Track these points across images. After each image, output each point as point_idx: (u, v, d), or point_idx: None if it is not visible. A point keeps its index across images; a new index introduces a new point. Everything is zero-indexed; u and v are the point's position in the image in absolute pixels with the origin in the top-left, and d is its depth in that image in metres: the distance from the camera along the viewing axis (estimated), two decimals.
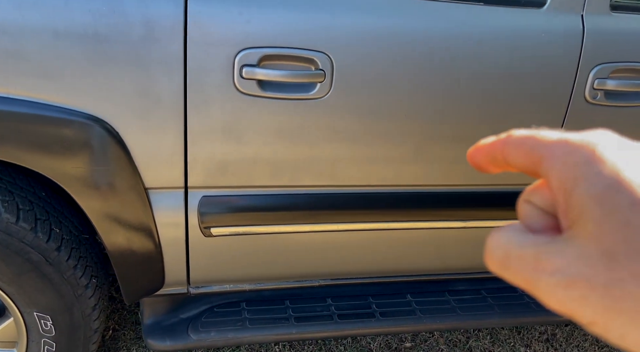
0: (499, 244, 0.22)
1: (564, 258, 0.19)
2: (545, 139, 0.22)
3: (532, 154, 0.22)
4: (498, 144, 0.23)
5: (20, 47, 0.92)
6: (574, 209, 0.20)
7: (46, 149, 1.00)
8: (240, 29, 1.04)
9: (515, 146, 0.22)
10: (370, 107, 1.18)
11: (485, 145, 0.24)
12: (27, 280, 1.12)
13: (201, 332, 1.37)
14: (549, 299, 0.20)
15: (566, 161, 0.20)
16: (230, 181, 1.19)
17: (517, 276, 0.21)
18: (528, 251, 0.20)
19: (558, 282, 0.19)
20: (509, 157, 0.23)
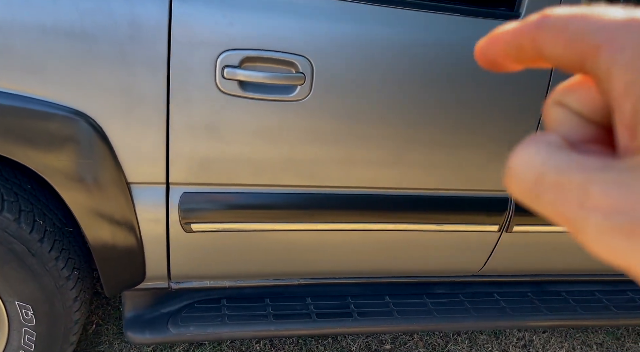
0: (528, 163, 0.16)
1: (628, 194, 0.14)
2: (603, 19, 0.16)
3: (582, 40, 0.16)
4: (527, 29, 0.17)
5: (9, 42, 0.96)
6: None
7: (31, 141, 1.04)
8: (223, 31, 1.08)
9: (555, 29, 0.17)
10: (349, 111, 1.22)
11: (507, 31, 0.18)
12: (10, 270, 1.15)
13: (180, 327, 1.40)
14: (600, 247, 0.15)
15: (639, 52, 0.15)
16: (212, 178, 1.23)
17: (552, 210, 0.16)
18: (572, 178, 0.15)
19: (617, 227, 0.14)
20: (543, 46, 0.17)
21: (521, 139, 0.84)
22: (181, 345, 1.78)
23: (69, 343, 1.32)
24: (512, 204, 1.47)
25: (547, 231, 1.54)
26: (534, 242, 1.57)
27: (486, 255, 1.59)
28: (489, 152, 1.35)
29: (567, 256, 1.64)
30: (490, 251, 1.58)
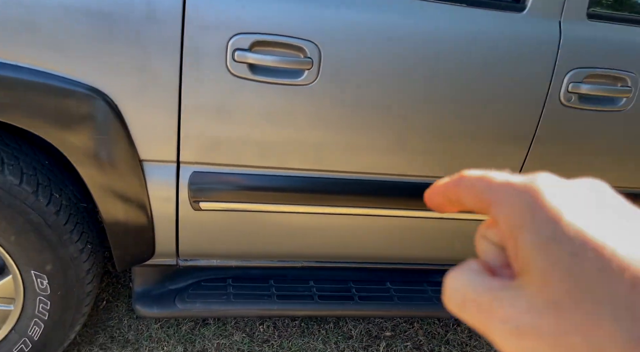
0: (456, 287, 0.22)
1: (515, 307, 0.19)
2: (493, 182, 0.22)
3: (482, 197, 0.22)
4: (451, 185, 0.24)
5: (32, 19, 1.02)
6: (521, 258, 0.20)
7: (51, 117, 1.09)
8: (235, 15, 1.13)
9: (466, 188, 0.23)
10: (354, 97, 1.26)
11: (440, 186, 0.25)
12: (27, 240, 1.21)
13: (187, 303, 1.45)
14: (502, 345, 0.20)
15: (510, 207, 0.20)
16: (220, 159, 1.27)
17: (474, 320, 0.21)
18: (483, 297, 0.21)
19: (510, 331, 0.19)
20: (462, 199, 0.23)
21: (522, 132, 0.91)
22: (187, 324, 1.83)
23: (81, 314, 1.38)
24: None
25: None
26: None
27: None
28: (491, 141, 1.38)
29: None
30: None
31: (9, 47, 1.03)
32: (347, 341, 1.91)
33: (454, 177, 0.24)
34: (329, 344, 1.88)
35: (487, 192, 0.22)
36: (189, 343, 1.75)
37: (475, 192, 0.22)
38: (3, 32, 1.01)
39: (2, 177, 1.15)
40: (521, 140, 1.39)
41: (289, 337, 1.87)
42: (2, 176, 1.15)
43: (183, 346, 1.73)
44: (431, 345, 1.96)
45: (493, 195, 0.21)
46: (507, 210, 0.21)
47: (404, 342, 1.95)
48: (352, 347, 1.88)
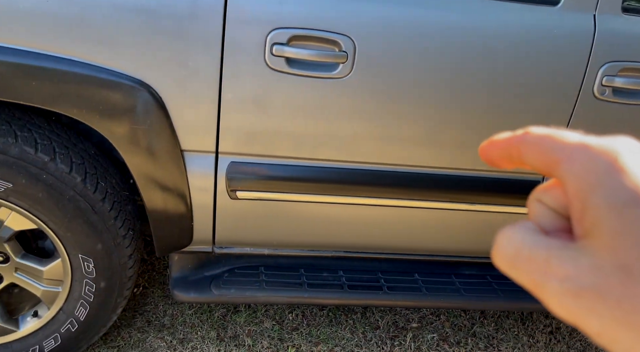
0: (509, 242, 0.21)
1: (576, 266, 0.19)
2: (565, 141, 0.21)
3: (549, 155, 0.21)
4: (514, 141, 0.23)
5: (85, 16, 1.08)
6: (590, 218, 0.19)
7: (100, 107, 1.15)
8: (273, 10, 1.17)
9: (532, 145, 0.22)
10: (387, 90, 1.28)
11: (501, 140, 0.24)
12: (76, 225, 1.28)
13: (222, 289, 1.51)
14: (555, 305, 0.20)
15: (585, 167, 0.20)
16: (256, 150, 1.32)
17: (525, 277, 0.21)
18: (539, 253, 0.20)
19: (567, 289, 0.19)
20: (524, 155, 0.23)
21: (554, 122, 0.96)
22: (219, 310, 1.89)
23: (123, 297, 1.45)
24: None
25: None
26: None
27: None
28: None
29: None
30: None
31: (63, 42, 1.09)
32: (374, 331, 1.94)
33: (518, 132, 0.23)
34: (357, 333, 1.92)
35: (556, 150, 0.21)
36: (222, 329, 1.81)
37: (543, 149, 0.22)
38: (59, 28, 1.07)
39: (54, 165, 1.22)
40: None
41: (317, 325, 1.92)
42: (54, 165, 1.22)
43: (216, 332, 1.79)
44: (457, 337, 1.98)
45: (564, 154, 0.21)
46: (580, 170, 0.20)
47: (431, 334, 1.97)
48: (379, 337, 1.92)
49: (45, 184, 1.21)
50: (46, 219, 1.26)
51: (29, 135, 1.21)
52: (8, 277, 1.37)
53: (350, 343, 1.86)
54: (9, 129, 1.19)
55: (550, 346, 2.00)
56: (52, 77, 1.08)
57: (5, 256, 1.34)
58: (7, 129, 1.18)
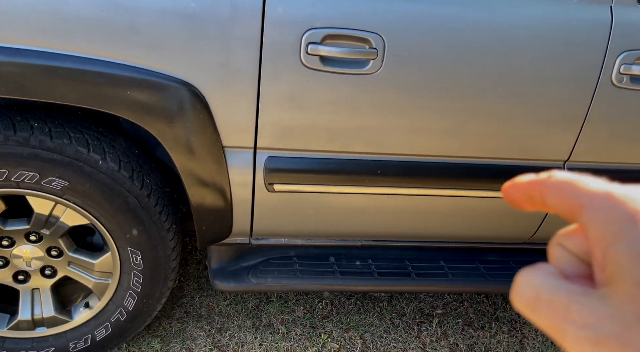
0: (529, 284, 0.21)
1: (597, 314, 0.19)
2: (588, 188, 0.21)
3: (572, 201, 0.22)
4: (537, 184, 0.23)
5: (135, 22, 1.15)
6: (612, 266, 0.19)
7: (148, 108, 1.23)
8: (307, 11, 1.24)
9: (555, 190, 0.22)
10: (416, 83, 1.35)
11: (524, 183, 0.24)
12: (124, 219, 1.36)
13: (259, 278, 1.59)
14: (575, 351, 0.19)
15: (608, 215, 0.20)
16: (292, 144, 1.39)
17: (544, 321, 0.21)
18: (560, 298, 0.20)
19: (588, 337, 0.19)
20: (547, 200, 0.23)
21: (574, 113, 1.06)
22: (252, 301, 1.97)
23: (167, 288, 1.53)
24: None
25: None
26: None
27: (538, 222, 1.69)
28: (544, 123, 1.46)
29: None
30: (542, 219, 1.68)
31: (115, 48, 1.16)
32: (401, 318, 2.01)
33: (541, 176, 0.24)
34: (384, 320, 1.99)
35: (580, 197, 0.21)
36: (256, 318, 1.89)
37: (566, 195, 0.22)
38: (111, 35, 1.15)
39: (105, 164, 1.29)
40: (574, 121, 1.46)
41: (347, 313, 1.99)
42: (105, 163, 1.30)
43: (251, 321, 1.87)
44: (481, 322, 2.05)
45: (587, 200, 0.21)
46: (603, 218, 0.20)
47: (455, 319, 2.04)
48: (407, 323, 1.99)
49: (98, 181, 1.29)
50: (98, 214, 1.34)
51: (80, 136, 1.29)
52: (62, 271, 1.45)
53: (379, 329, 1.94)
54: (63, 131, 1.27)
55: None
56: (108, 82, 1.16)
57: (59, 250, 1.42)
58: (61, 131, 1.26)
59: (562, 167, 1.57)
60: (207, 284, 2.03)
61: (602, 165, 1.58)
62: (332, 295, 2.07)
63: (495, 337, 1.97)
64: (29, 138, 1.22)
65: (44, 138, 1.23)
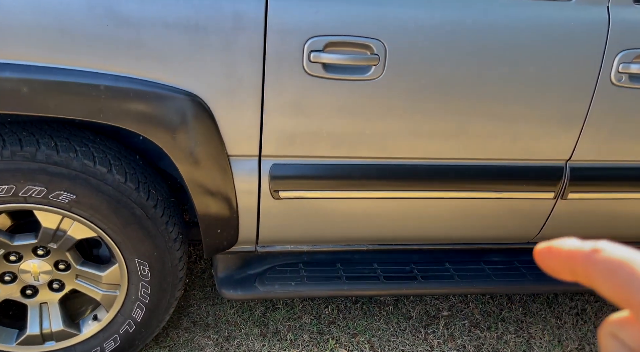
0: None
1: None
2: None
3: (627, 291, 0.18)
4: (581, 258, 0.20)
5: (139, 36, 1.16)
6: None
7: (155, 120, 1.23)
8: (309, 20, 1.25)
9: (605, 272, 0.19)
10: (417, 87, 1.36)
11: (563, 252, 0.21)
12: (132, 231, 1.36)
13: (267, 285, 1.59)
14: None
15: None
16: (297, 151, 1.40)
17: None
18: None
19: None
20: (592, 279, 0.19)
21: (574, 113, 1.06)
22: (259, 309, 1.97)
23: (175, 298, 1.53)
24: (567, 172, 1.58)
25: (603, 198, 1.64)
26: (589, 209, 1.68)
27: (541, 222, 1.70)
28: (545, 123, 1.47)
29: (624, 222, 1.73)
30: (546, 218, 1.69)
31: (120, 61, 1.17)
32: (408, 321, 2.02)
33: (585, 247, 0.20)
34: (391, 324, 1.99)
35: (635, 289, 0.18)
36: (263, 326, 1.89)
37: (617, 283, 0.19)
38: (116, 49, 1.16)
39: (111, 176, 1.30)
40: (574, 121, 1.48)
41: (353, 318, 2.00)
42: (111, 176, 1.30)
43: (259, 328, 1.87)
44: (488, 322, 2.06)
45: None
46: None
47: (462, 321, 2.05)
48: (413, 326, 1.99)
49: (104, 193, 1.30)
50: (105, 226, 1.34)
51: (86, 149, 1.29)
52: (70, 284, 1.45)
53: (386, 333, 1.94)
54: (69, 145, 1.27)
55: (578, 326, 2.07)
56: (115, 95, 1.17)
57: (66, 264, 1.42)
58: (67, 145, 1.27)
59: (564, 166, 1.58)
60: (213, 293, 2.03)
61: (604, 163, 1.59)
62: (338, 300, 2.07)
63: (502, 338, 1.97)
64: (35, 153, 1.22)
65: (50, 152, 1.23)
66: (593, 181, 1.62)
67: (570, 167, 1.58)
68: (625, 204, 1.69)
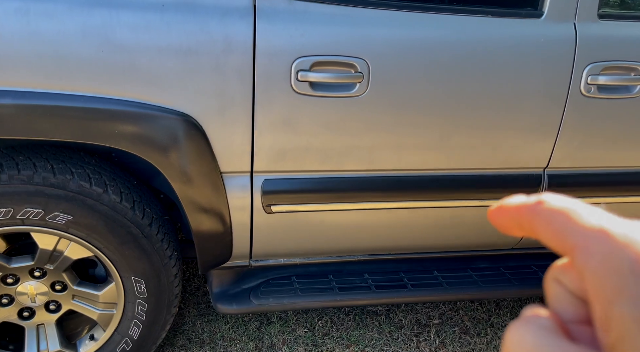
0: (521, 345, 0.19)
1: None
2: (581, 223, 0.19)
3: (564, 238, 0.19)
4: (525, 211, 0.21)
5: (134, 61, 1.21)
6: (616, 331, 0.17)
7: (149, 140, 1.28)
8: (296, 42, 1.31)
9: (544, 220, 0.20)
10: (400, 103, 1.43)
11: (511, 207, 0.21)
12: (128, 249, 1.39)
13: (261, 299, 1.62)
14: None
15: (606, 264, 0.17)
16: (287, 166, 1.45)
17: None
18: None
19: None
20: (535, 229, 0.20)
21: (549, 123, 1.17)
22: (253, 323, 2.00)
23: (171, 314, 1.55)
24: (545, 179, 1.66)
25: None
26: None
27: None
28: (523, 134, 1.55)
29: None
30: None
31: (115, 85, 1.22)
32: (400, 330, 2.06)
33: (530, 201, 0.21)
34: (384, 333, 2.03)
35: (571, 233, 0.19)
36: (258, 340, 1.92)
37: (556, 230, 0.19)
38: (111, 73, 1.21)
39: (107, 196, 1.33)
40: (550, 130, 1.56)
41: (347, 329, 2.03)
42: (107, 195, 1.33)
43: (254, 343, 1.89)
44: (477, 329, 2.11)
45: (580, 240, 0.18)
46: (601, 267, 0.17)
47: (452, 328, 2.09)
48: (405, 335, 2.03)
49: (101, 213, 1.33)
50: (101, 246, 1.37)
51: (82, 171, 1.33)
52: (66, 305, 1.47)
53: (379, 343, 1.98)
54: (65, 167, 1.31)
55: None
56: (110, 118, 1.21)
57: (63, 284, 1.44)
58: (63, 167, 1.30)
59: (542, 173, 1.66)
60: (207, 309, 2.05)
61: (579, 170, 1.67)
62: (331, 312, 2.10)
63: (492, 343, 2.02)
64: (32, 176, 1.26)
65: (47, 175, 1.27)
66: (570, 186, 1.70)
67: (548, 175, 1.66)
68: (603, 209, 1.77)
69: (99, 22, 1.19)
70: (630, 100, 1.57)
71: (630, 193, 1.76)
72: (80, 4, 1.18)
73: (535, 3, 1.47)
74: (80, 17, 1.18)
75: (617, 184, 1.73)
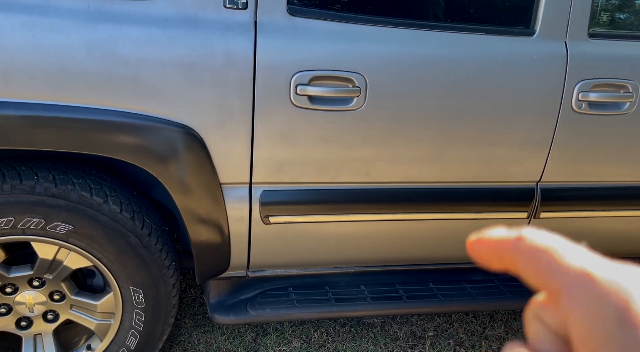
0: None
1: None
2: (564, 264, 0.18)
3: (547, 279, 0.19)
4: (507, 246, 0.20)
5: (137, 74, 1.24)
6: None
7: (150, 151, 1.30)
8: (295, 57, 1.35)
9: (527, 259, 0.19)
10: (397, 117, 1.47)
11: (491, 241, 0.21)
12: (127, 259, 1.41)
13: (258, 309, 1.63)
14: None
15: (591, 311, 0.17)
16: (285, 178, 1.48)
17: None
18: None
19: None
20: (517, 266, 0.20)
21: (541, 138, 1.23)
22: (249, 335, 2.00)
23: (168, 324, 1.56)
24: (538, 193, 1.69)
25: (572, 216, 1.75)
26: (560, 227, 1.78)
27: None
28: (516, 148, 1.58)
29: (594, 239, 1.84)
30: None
31: (118, 97, 1.25)
32: (395, 342, 2.07)
33: (511, 236, 0.20)
34: (379, 345, 2.04)
35: (555, 275, 0.18)
36: (254, 351, 1.92)
37: (539, 270, 0.19)
38: (114, 86, 1.23)
39: (107, 206, 1.35)
40: (542, 145, 1.59)
41: (342, 341, 2.04)
42: (107, 206, 1.35)
43: None
44: (472, 341, 2.12)
45: (564, 283, 0.18)
46: (586, 313, 0.17)
47: (447, 340, 2.11)
48: (400, 347, 2.04)
49: (101, 223, 1.35)
50: (101, 255, 1.38)
51: (83, 181, 1.35)
52: (64, 314, 1.47)
53: None
54: (67, 178, 1.33)
55: None
56: (113, 129, 1.24)
57: (61, 294, 1.45)
58: (64, 178, 1.32)
59: (535, 187, 1.69)
60: (203, 320, 2.05)
61: (571, 184, 1.71)
62: (327, 324, 2.11)
63: None
64: (34, 186, 1.27)
65: (49, 185, 1.28)
66: (562, 200, 1.73)
67: (540, 188, 1.69)
68: (593, 222, 1.80)
69: (103, 36, 1.22)
70: (620, 117, 1.62)
71: (620, 207, 1.79)
72: (86, 19, 1.21)
73: (528, 22, 1.51)
74: (85, 32, 1.21)
75: (608, 198, 1.76)
